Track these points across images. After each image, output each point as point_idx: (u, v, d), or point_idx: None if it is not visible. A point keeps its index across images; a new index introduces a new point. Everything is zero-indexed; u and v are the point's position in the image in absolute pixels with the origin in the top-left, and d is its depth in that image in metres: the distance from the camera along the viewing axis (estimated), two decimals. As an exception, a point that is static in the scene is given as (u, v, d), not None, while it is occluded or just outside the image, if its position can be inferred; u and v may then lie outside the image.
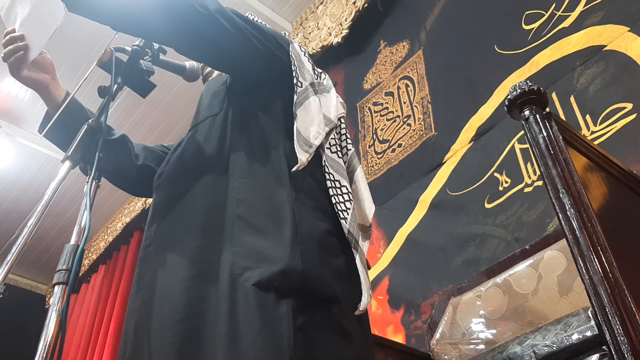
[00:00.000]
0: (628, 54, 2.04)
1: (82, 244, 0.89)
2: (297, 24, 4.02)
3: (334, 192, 1.14)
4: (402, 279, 2.54)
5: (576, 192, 1.02)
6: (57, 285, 0.85)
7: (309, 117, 1.19)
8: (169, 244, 1.09)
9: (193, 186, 1.13)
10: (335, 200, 1.13)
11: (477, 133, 2.51)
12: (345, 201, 1.14)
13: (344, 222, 1.11)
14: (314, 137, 1.17)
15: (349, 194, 1.15)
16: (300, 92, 1.22)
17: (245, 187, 1.09)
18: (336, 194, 1.14)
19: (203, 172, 1.15)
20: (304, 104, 1.21)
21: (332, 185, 1.16)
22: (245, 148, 1.16)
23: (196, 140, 1.23)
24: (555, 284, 1.68)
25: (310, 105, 1.21)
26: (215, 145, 1.18)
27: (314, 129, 1.18)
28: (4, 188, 4.98)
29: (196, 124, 1.28)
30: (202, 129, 1.25)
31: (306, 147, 1.14)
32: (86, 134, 1.04)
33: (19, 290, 5.93)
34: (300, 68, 1.26)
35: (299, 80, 1.23)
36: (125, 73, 1.22)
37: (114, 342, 4.57)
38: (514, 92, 1.17)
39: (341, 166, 1.20)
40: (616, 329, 0.87)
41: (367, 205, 1.21)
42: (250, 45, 1.18)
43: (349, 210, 1.13)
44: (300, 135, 1.15)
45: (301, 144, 1.14)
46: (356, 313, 1.05)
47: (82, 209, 0.95)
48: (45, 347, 0.79)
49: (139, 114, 4.54)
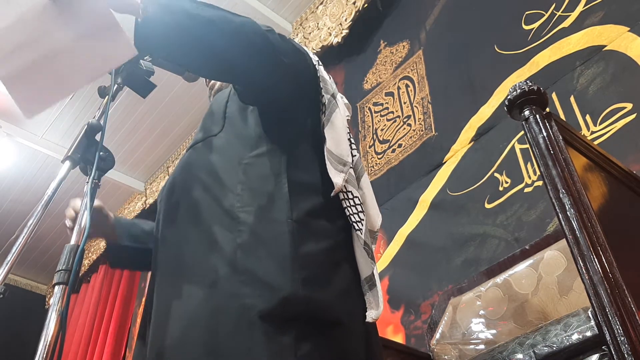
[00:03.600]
0: (628, 54, 2.04)
1: (82, 244, 0.89)
2: (297, 24, 4.02)
3: (347, 204, 1.11)
4: (402, 279, 2.54)
5: (576, 192, 1.02)
6: (57, 286, 0.85)
7: (337, 134, 1.16)
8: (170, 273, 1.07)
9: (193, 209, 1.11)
10: (349, 212, 1.11)
11: (477, 133, 2.51)
12: (359, 212, 1.11)
13: (359, 233, 1.08)
14: (347, 154, 1.14)
15: (361, 205, 1.12)
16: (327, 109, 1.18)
17: (245, 213, 1.06)
18: (349, 205, 1.11)
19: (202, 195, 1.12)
20: (330, 120, 1.17)
21: (345, 197, 1.12)
22: (243, 170, 1.12)
23: (196, 160, 1.20)
24: (555, 284, 1.68)
25: (337, 119, 1.18)
26: (215, 167, 1.15)
27: (343, 145, 1.15)
28: (4, 188, 4.98)
29: (197, 142, 1.25)
30: (202, 149, 1.22)
31: (341, 166, 1.11)
32: (86, 134, 1.04)
33: (19, 290, 5.93)
34: (324, 81, 1.23)
35: (324, 96, 1.20)
36: (125, 73, 1.22)
37: (114, 342, 4.57)
38: (514, 92, 1.17)
39: (352, 176, 1.16)
40: (616, 329, 0.87)
41: (375, 213, 1.19)
42: (284, 71, 1.16)
43: (363, 221, 1.10)
44: (332, 155, 1.12)
45: (335, 164, 1.11)
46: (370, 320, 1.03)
47: (82, 209, 0.94)
48: (45, 347, 0.79)
49: (139, 114, 4.54)
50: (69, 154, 1.01)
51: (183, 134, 4.74)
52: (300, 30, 3.93)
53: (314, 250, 1.04)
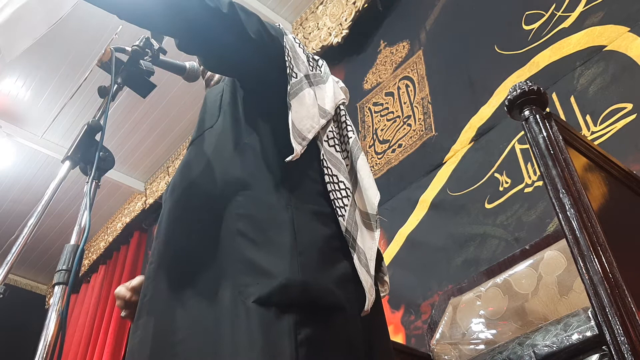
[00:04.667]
0: (628, 54, 2.05)
1: (82, 244, 0.89)
2: (297, 24, 4.02)
3: (331, 188, 1.12)
4: (402, 279, 2.54)
5: (576, 192, 1.02)
6: (57, 286, 0.85)
7: (304, 109, 1.17)
8: (168, 262, 1.08)
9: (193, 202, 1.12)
10: (334, 196, 1.11)
11: (478, 133, 2.51)
12: (343, 197, 1.11)
13: (341, 219, 1.08)
14: (307, 130, 1.14)
15: (346, 189, 1.13)
16: (294, 83, 1.19)
17: (243, 199, 1.07)
18: (334, 189, 1.12)
19: (202, 187, 1.13)
20: (298, 95, 1.18)
21: (330, 181, 1.13)
22: (240, 158, 1.14)
23: (195, 156, 1.21)
24: (555, 284, 1.68)
25: (305, 97, 1.18)
26: (212, 158, 1.16)
27: (307, 122, 1.15)
28: (4, 188, 4.98)
29: (194, 138, 1.26)
30: (199, 144, 1.23)
31: (299, 139, 1.11)
32: (86, 134, 1.04)
33: (19, 290, 5.93)
34: (295, 59, 1.23)
35: (293, 72, 1.20)
36: (125, 73, 1.22)
37: (113, 342, 4.57)
38: (514, 93, 1.17)
39: (339, 161, 1.17)
40: (616, 329, 0.87)
41: (373, 194, 1.18)
42: (247, 38, 1.16)
43: (347, 207, 1.10)
44: (294, 128, 1.12)
45: (295, 136, 1.11)
46: (362, 314, 1.03)
47: (82, 209, 0.94)
48: (45, 347, 0.79)
49: (139, 114, 4.54)
50: (69, 154, 1.02)
51: (183, 134, 4.75)
52: (300, 30, 3.93)
53: (313, 236, 1.04)
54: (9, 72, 4.07)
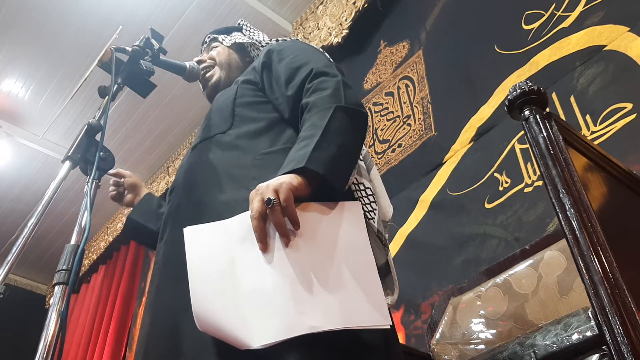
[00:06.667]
0: (628, 54, 2.04)
1: (82, 244, 0.89)
2: (297, 24, 4.02)
3: (359, 195, 1.14)
4: (402, 279, 2.51)
5: (576, 192, 1.02)
6: (57, 286, 0.85)
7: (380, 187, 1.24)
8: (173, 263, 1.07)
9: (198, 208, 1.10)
10: (362, 202, 1.13)
11: (477, 133, 2.51)
12: (371, 202, 1.14)
13: (372, 222, 1.11)
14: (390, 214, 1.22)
15: (373, 195, 1.16)
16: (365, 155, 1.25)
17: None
18: (361, 197, 1.14)
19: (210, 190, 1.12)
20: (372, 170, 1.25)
21: (357, 189, 1.15)
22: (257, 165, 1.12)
23: (204, 157, 1.20)
24: (555, 284, 1.68)
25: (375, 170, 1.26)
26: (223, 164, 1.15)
27: (386, 201, 1.22)
28: (4, 188, 4.98)
29: (204, 139, 1.25)
30: (207, 148, 1.21)
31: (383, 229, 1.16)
32: (86, 134, 1.04)
33: (19, 290, 5.93)
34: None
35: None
36: (126, 73, 1.22)
37: (114, 342, 4.57)
38: (514, 92, 1.17)
39: (362, 167, 1.20)
40: (616, 329, 0.87)
41: (386, 203, 1.23)
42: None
43: (375, 210, 1.14)
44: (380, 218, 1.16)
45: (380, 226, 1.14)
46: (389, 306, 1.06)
47: (82, 209, 0.95)
48: (45, 347, 0.79)
49: (139, 114, 4.54)
50: (69, 154, 1.02)
51: (183, 134, 4.74)
52: (300, 30, 3.93)
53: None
54: (9, 72, 4.07)
